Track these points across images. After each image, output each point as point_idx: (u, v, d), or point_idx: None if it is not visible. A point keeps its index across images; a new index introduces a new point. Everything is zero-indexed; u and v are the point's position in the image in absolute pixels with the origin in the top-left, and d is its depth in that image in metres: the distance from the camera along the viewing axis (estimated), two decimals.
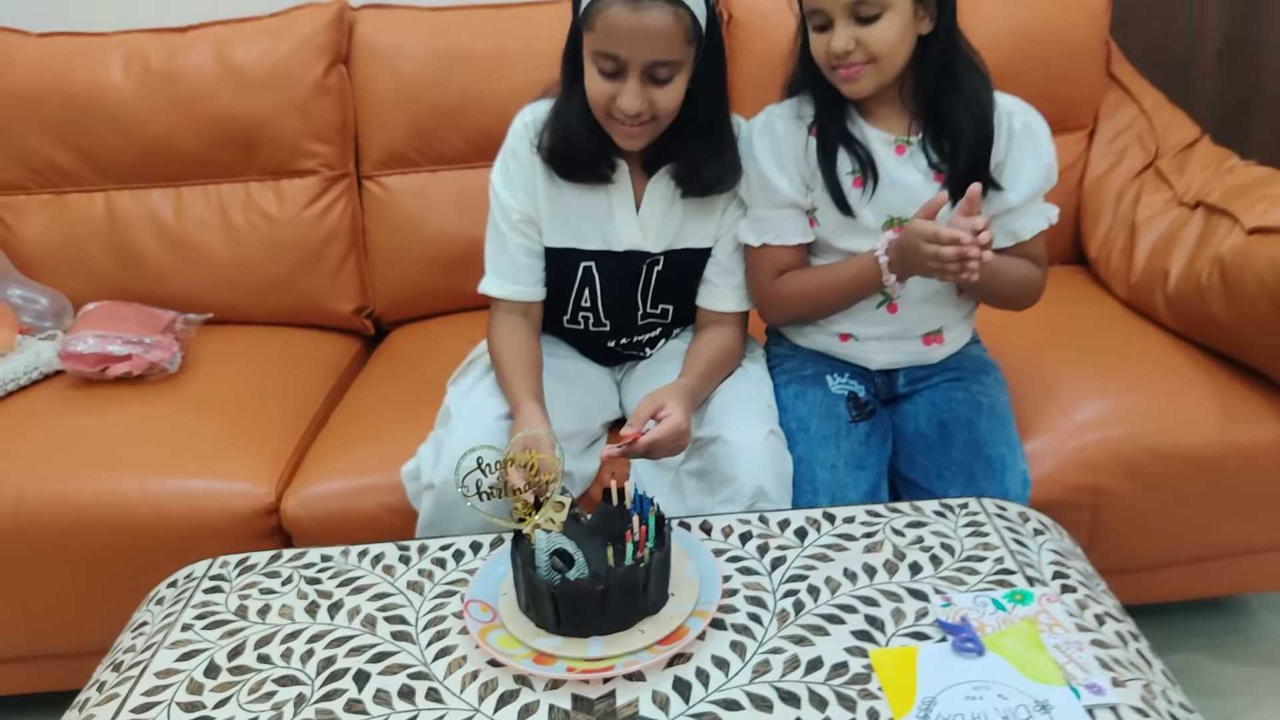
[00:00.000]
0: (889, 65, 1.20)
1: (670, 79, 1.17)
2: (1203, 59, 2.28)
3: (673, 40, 1.14)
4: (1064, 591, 0.99)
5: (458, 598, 1.00)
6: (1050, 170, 1.30)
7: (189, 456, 1.42)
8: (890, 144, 1.27)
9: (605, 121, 1.22)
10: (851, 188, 1.27)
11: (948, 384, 1.37)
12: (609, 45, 1.14)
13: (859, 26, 1.17)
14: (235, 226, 1.82)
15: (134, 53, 1.79)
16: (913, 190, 1.26)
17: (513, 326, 1.31)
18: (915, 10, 1.19)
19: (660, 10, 1.12)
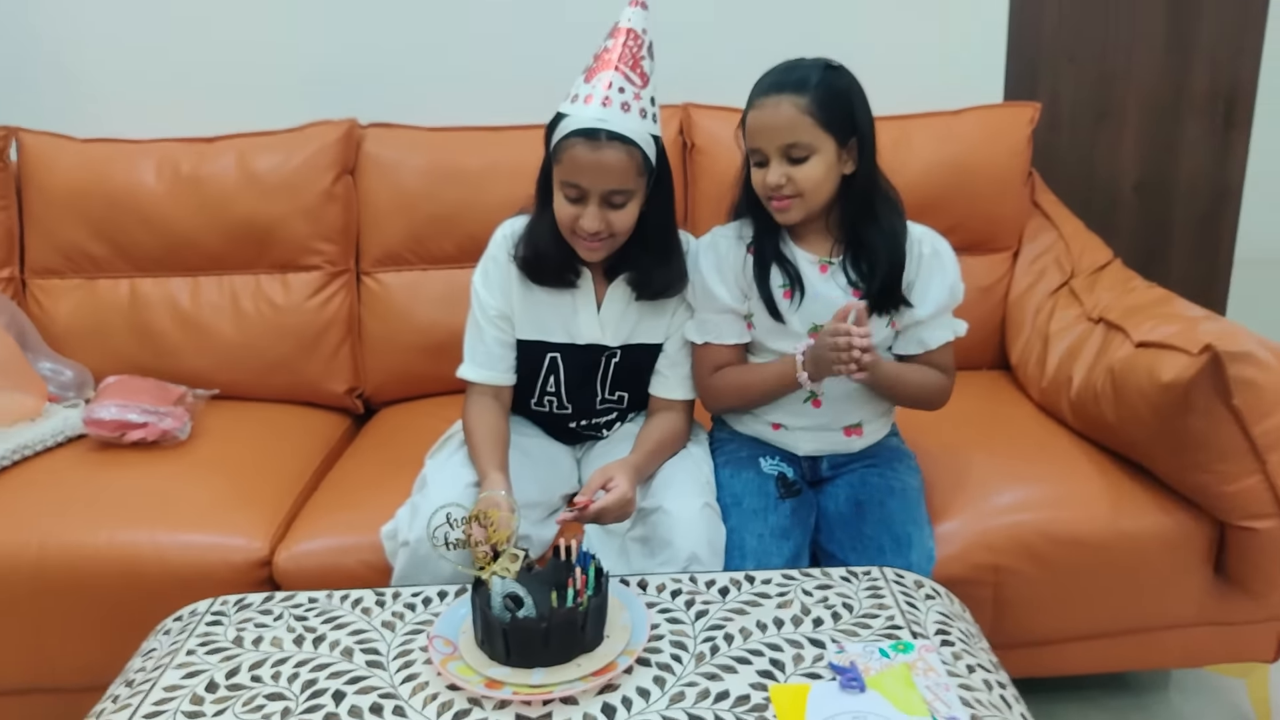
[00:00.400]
0: (814, 199, 1.39)
1: (624, 204, 1.37)
2: (1122, 191, 2.51)
3: (626, 173, 1.34)
4: (943, 645, 1.15)
5: (424, 634, 1.17)
6: (954, 290, 1.48)
7: (194, 513, 1.55)
8: (815, 263, 1.46)
9: (570, 238, 1.41)
10: (782, 298, 1.46)
11: (865, 469, 1.53)
12: (573, 177, 1.34)
13: (790, 165, 1.36)
14: (245, 313, 1.98)
15: (166, 159, 1.98)
16: (833, 303, 1.42)
17: (485, 407, 1.48)
18: (839, 154, 1.38)
19: (615, 149, 1.32)
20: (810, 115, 1.34)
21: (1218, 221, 2.57)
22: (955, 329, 1.51)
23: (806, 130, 1.34)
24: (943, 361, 1.52)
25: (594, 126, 1.32)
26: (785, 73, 1.38)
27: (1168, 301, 1.77)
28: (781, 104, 1.34)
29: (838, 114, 1.35)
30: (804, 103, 1.34)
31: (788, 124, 1.34)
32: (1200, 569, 1.56)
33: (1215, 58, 2.43)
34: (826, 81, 1.36)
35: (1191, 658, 1.68)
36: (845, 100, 1.37)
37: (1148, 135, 2.48)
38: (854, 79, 1.40)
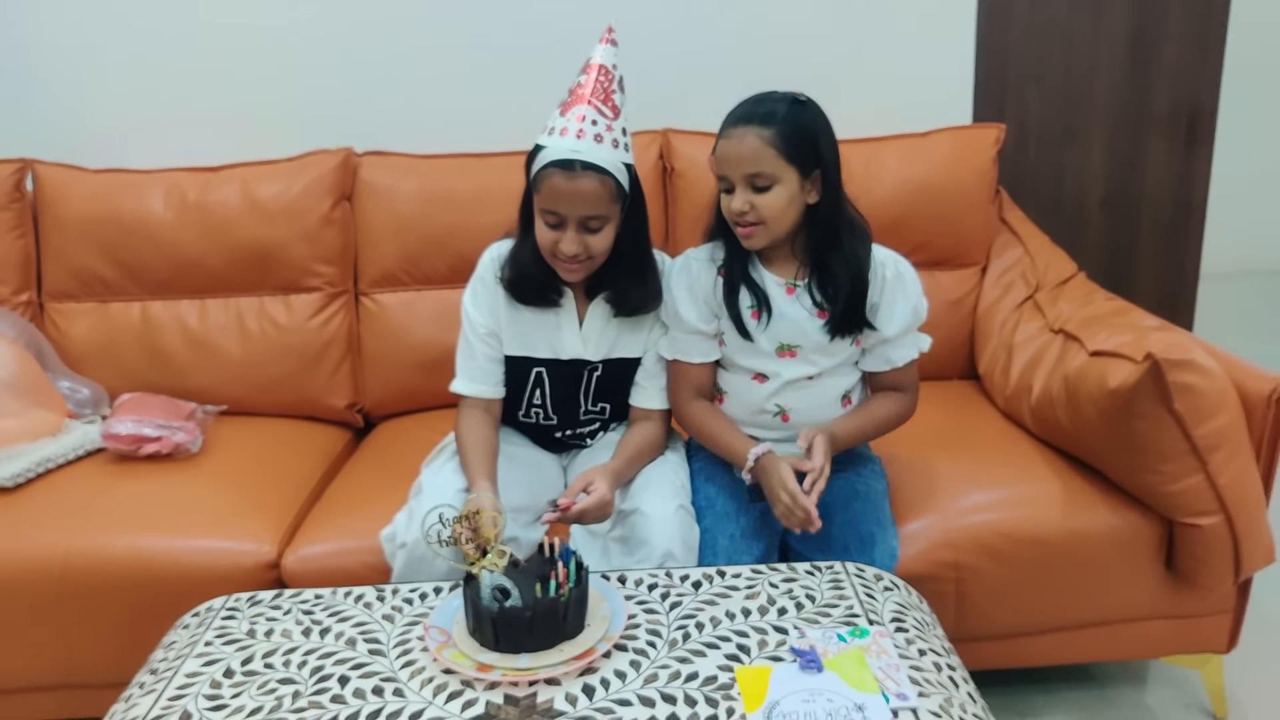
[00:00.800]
0: (776, 227, 1.45)
1: (600, 228, 1.46)
2: (1089, 206, 2.59)
3: (600, 200, 1.43)
4: (896, 631, 1.25)
5: (421, 625, 1.27)
6: (918, 310, 1.54)
7: (207, 520, 1.65)
8: (782, 286, 1.52)
9: (551, 261, 1.49)
10: (750, 319, 1.52)
11: (832, 475, 1.52)
12: (551, 204, 1.43)
13: (754, 194, 1.43)
14: (250, 332, 2.08)
15: (173, 187, 2.08)
16: (799, 324, 1.51)
17: (476, 419, 1.58)
18: (802, 185, 1.44)
19: (590, 178, 1.41)
20: (774, 147, 1.40)
21: (1183, 235, 2.63)
22: (920, 345, 1.58)
23: (769, 161, 1.41)
24: (907, 377, 1.59)
25: (569, 158, 1.40)
26: (754, 105, 1.44)
27: (1125, 313, 1.84)
28: (747, 135, 1.41)
29: (801, 146, 1.42)
30: (768, 135, 1.40)
31: (752, 154, 1.41)
32: (1151, 564, 1.64)
33: (1177, 76, 2.49)
34: (792, 116, 1.42)
35: (1149, 649, 1.76)
36: (809, 134, 1.43)
37: (1112, 152, 2.55)
38: (820, 113, 1.46)
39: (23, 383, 1.83)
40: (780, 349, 1.54)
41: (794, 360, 1.54)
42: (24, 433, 1.82)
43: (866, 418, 1.58)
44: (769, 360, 1.54)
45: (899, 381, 1.59)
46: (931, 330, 1.57)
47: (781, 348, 1.54)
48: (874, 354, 1.58)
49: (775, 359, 1.54)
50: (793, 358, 1.54)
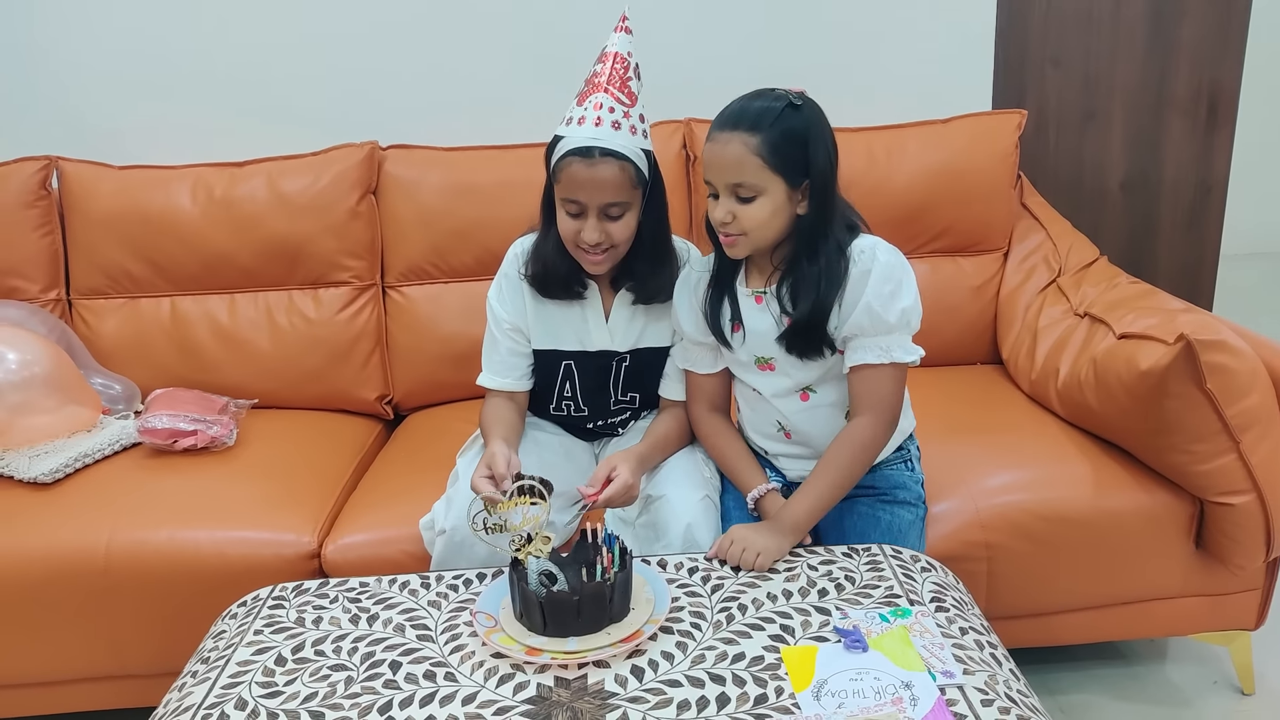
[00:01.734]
0: (759, 238, 1.37)
1: (621, 215, 1.45)
2: (1110, 190, 2.60)
3: (620, 186, 1.43)
4: (937, 610, 1.26)
5: (467, 611, 1.28)
6: (873, 310, 1.36)
7: (246, 512, 1.66)
8: (751, 295, 1.45)
9: (575, 252, 1.49)
10: (731, 331, 1.48)
11: (856, 499, 1.49)
12: (572, 193, 1.43)
13: (737, 203, 1.34)
14: (279, 327, 2.09)
15: (200, 183, 2.09)
16: (764, 335, 1.44)
17: (499, 404, 1.59)
18: (790, 195, 1.35)
19: (609, 165, 1.41)
20: (759, 156, 1.31)
21: (1203, 217, 2.63)
22: (891, 353, 1.39)
23: (754, 171, 1.32)
24: (867, 389, 1.41)
25: (588, 145, 1.40)
26: (745, 104, 1.35)
27: (1150, 295, 1.86)
28: (732, 141, 1.32)
29: (789, 156, 1.32)
30: (754, 143, 1.31)
31: (735, 163, 1.32)
32: (1181, 543, 1.65)
33: (1197, 58, 2.49)
34: (783, 122, 1.32)
35: (1177, 627, 1.77)
36: (800, 142, 1.33)
37: (1132, 136, 2.55)
38: (817, 118, 1.36)
39: (58, 379, 1.84)
40: (758, 361, 1.49)
41: (773, 374, 1.49)
42: (60, 428, 1.84)
43: (823, 480, 1.41)
44: (752, 374, 1.51)
45: (856, 394, 1.42)
46: (954, 315, 1.53)
47: (759, 360, 1.49)
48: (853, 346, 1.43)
49: (757, 372, 1.50)
50: (771, 370, 1.49)
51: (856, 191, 2.05)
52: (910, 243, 2.19)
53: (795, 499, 1.42)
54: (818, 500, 1.41)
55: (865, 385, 1.42)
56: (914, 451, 1.60)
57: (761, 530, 1.38)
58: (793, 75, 2.23)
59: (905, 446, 1.59)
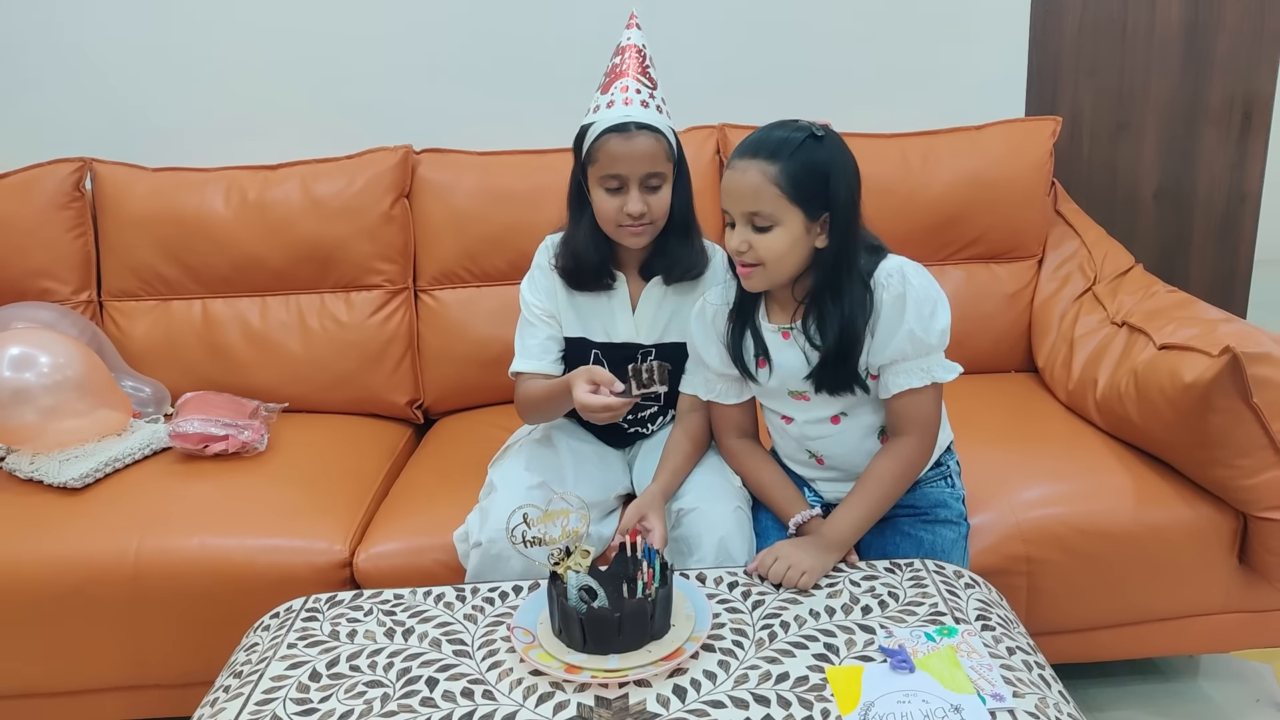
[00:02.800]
0: (775, 271, 1.34)
1: (659, 187, 1.49)
2: (1143, 199, 2.58)
3: (657, 157, 1.47)
4: (983, 629, 1.24)
5: (504, 626, 1.27)
6: (915, 335, 1.35)
7: (277, 519, 1.65)
8: (777, 331, 1.43)
9: (615, 231, 1.52)
10: (757, 368, 1.46)
11: (898, 519, 1.48)
12: (612, 168, 1.47)
13: (753, 233, 1.32)
14: (311, 330, 2.09)
15: (233, 186, 2.09)
16: (795, 370, 1.42)
17: (539, 382, 1.59)
18: (808, 228, 1.32)
19: (646, 137, 1.46)
20: (777, 186, 1.29)
21: (1236, 226, 2.62)
22: (933, 373, 1.38)
23: (771, 200, 1.30)
24: (906, 411, 1.40)
25: (624, 121, 1.46)
26: (766, 134, 1.33)
27: (1188, 305, 1.84)
28: (750, 170, 1.30)
29: (808, 187, 1.30)
30: (773, 172, 1.29)
31: (753, 191, 1.30)
32: (1224, 558, 1.63)
33: (1232, 68, 2.48)
34: (804, 153, 1.30)
35: (1219, 644, 1.75)
36: (820, 174, 1.30)
37: (1166, 145, 2.53)
38: (840, 150, 1.34)
39: (90, 382, 1.84)
40: (791, 393, 1.47)
41: (808, 404, 1.46)
42: (91, 432, 1.83)
43: (866, 496, 1.40)
44: (786, 403, 1.48)
45: (897, 416, 1.41)
46: (989, 324, 1.50)
47: (792, 392, 1.46)
48: (881, 380, 1.42)
49: (790, 401, 1.48)
50: (806, 401, 1.46)
51: (891, 199, 2.08)
52: (944, 249, 2.18)
53: (838, 515, 1.40)
54: (861, 516, 1.40)
55: (909, 409, 1.41)
56: (954, 466, 1.58)
57: (805, 546, 1.36)
58: (826, 81, 2.28)
59: (944, 461, 1.56)
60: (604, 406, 1.39)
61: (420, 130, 2.22)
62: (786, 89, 2.19)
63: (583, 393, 1.41)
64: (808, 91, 2.27)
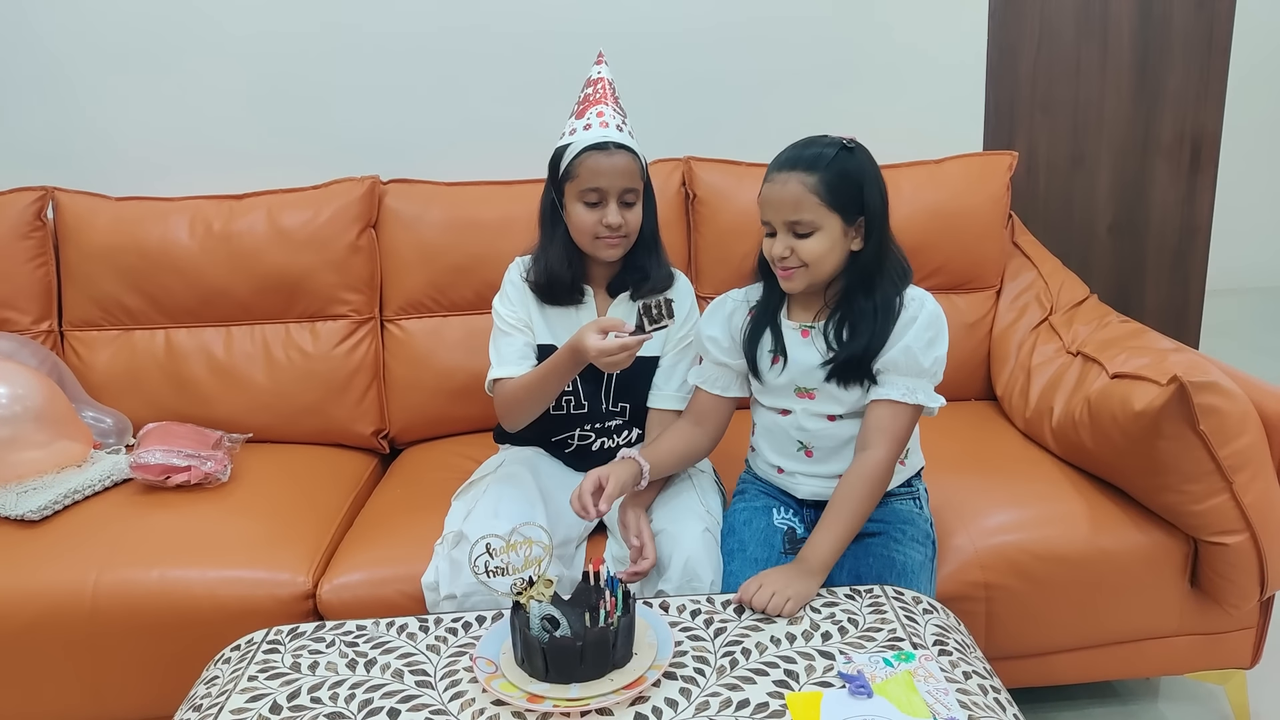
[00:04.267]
0: (818, 271, 1.45)
1: (635, 203, 1.60)
2: (1097, 233, 2.64)
3: (633, 174, 1.58)
4: (940, 654, 1.26)
5: (467, 656, 1.27)
6: (912, 353, 1.44)
7: (239, 551, 1.63)
8: (798, 329, 1.52)
9: (591, 244, 1.60)
10: (770, 364, 1.53)
11: (868, 539, 1.52)
12: (593, 183, 1.56)
13: (795, 239, 1.43)
14: (276, 360, 2.08)
15: (198, 216, 2.08)
16: (808, 367, 1.49)
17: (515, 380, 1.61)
18: (845, 231, 1.43)
19: (624, 155, 1.57)
20: (816, 194, 1.40)
21: (1188, 258, 2.69)
22: (917, 394, 1.46)
23: (811, 208, 1.41)
24: (883, 424, 1.46)
25: (604, 140, 1.56)
26: (800, 150, 1.44)
27: (1140, 335, 1.88)
28: (790, 181, 1.41)
29: (845, 194, 1.41)
30: (812, 181, 1.40)
31: (794, 201, 1.41)
32: (1176, 582, 1.66)
33: (1181, 104, 2.56)
34: (838, 163, 1.41)
35: (1173, 666, 1.77)
36: (855, 181, 1.42)
37: (1119, 179, 2.60)
38: (869, 160, 1.46)
39: (50, 413, 1.82)
40: (798, 390, 1.53)
41: (812, 401, 1.52)
42: (50, 464, 1.82)
43: (842, 515, 1.44)
44: (789, 398, 1.54)
45: (870, 426, 1.47)
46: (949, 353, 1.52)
47: (799, 389, 1.53)
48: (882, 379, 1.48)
49: (794, 398, 1.54)
50: (811, 399, 1.52)
51: None
52: None
53: (817, 540, 1.43)
54: (839, 538, 1.44)
55: (884, 420, 1.47)
56: (922, 491, 1.62)
57: (791, 574, 1.38)
58: (788, 114, 2.31)
59: (914, 484, 1.60)
60: (622, 347, 1.42)
61: (387, 161, 2.23)
62: (754, 127, 2.23)
63: (597, 340, 1.43)
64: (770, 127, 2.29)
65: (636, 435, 1.74)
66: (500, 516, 1.52)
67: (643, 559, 1.48)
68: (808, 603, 1.36)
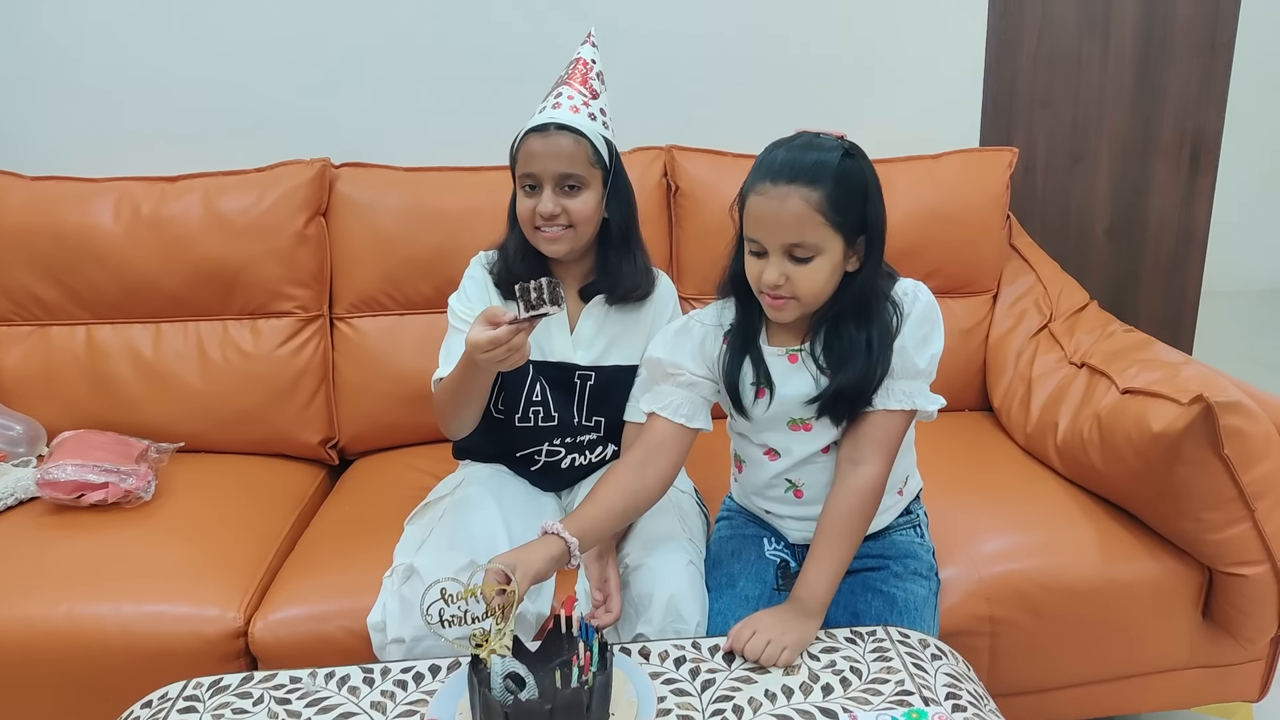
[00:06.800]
0: (811, 301, 1.25)
1: (579, 191, 1.44)
2: (1094, 235, 2.57)
3: (576, 159, 1.43)
4: (954, 710, 1.12)
5: (418, 717, 1.11)
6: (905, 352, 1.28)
7: (161, 582, 1.48)
8: (783, 355, 1.32)
9: (532, 235, 1.46)
10: (754, 398, 1.33)
11: (866, 572, 1.39)
12: (527, 167, 1.44)
13: (791, 264, 1.21)
14: (211, 361, 1.92)
15: (125, 198, 1.92)
16: (800, 396, 1.30)
17: None
18: (845, 253, 1.23)
19: (565, 137, 1.42)
20: (821, 213, 1.19)
21: (1184, 264, 2.64)
22: (913, 400, 1.29)
23: (815, 230, 1.20)
24: (876, 434, 1.30)
25: (544, 122, 1.43)
26: (799, 154, 1.21)
27: (1147, 346, 1.81)
28: (791, 197, 1.19)
29: (850, 211, 1.21)
30: (816, 198, 1.18)
31: (795, 221, 1.19)
32: (1189, 613, 1.58)
33: (1182, 104, 2.50)
34: (844, 172, 1.20)
35: (1180, 700, 1.69)
36: (860, 194, 1.22)
37: (1119, 179, 2.54)
38: (869, 166, 1.25)
39: None
40: (793, 422, 1.34)
41: (808, 434, 1.34)
42: None
43: (835, 543, 1.28)
44: (782, 435, 1.35)
45: (860, 436, 1.30)
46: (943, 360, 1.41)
47: (793, 421, 1.34)
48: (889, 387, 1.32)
49: (788, 433, 1.35)
50: (807, 431, 1.34)
51: None
52: None
53: (811, 575, 1.28)
54: (834, 570, 1.29)
55: (878, 431, 1.30)
56: (922, 517, 1.49)
57: (786, 617, 1.23)
58: (781, 108, 2.21)
59: (913, 510, 1.47)
60: (492, 341, 1.23)
61: (339, 142, 2.08)
62: (738, 114, 2.11)
63: (472, 332, 1.26)
64: (759, 115, 2.20)
65: (612, 452, 1.60)
66: (456, 548, 1.37)
67: (605, 612, 1.32)
68: (805, 649, 1.22)
